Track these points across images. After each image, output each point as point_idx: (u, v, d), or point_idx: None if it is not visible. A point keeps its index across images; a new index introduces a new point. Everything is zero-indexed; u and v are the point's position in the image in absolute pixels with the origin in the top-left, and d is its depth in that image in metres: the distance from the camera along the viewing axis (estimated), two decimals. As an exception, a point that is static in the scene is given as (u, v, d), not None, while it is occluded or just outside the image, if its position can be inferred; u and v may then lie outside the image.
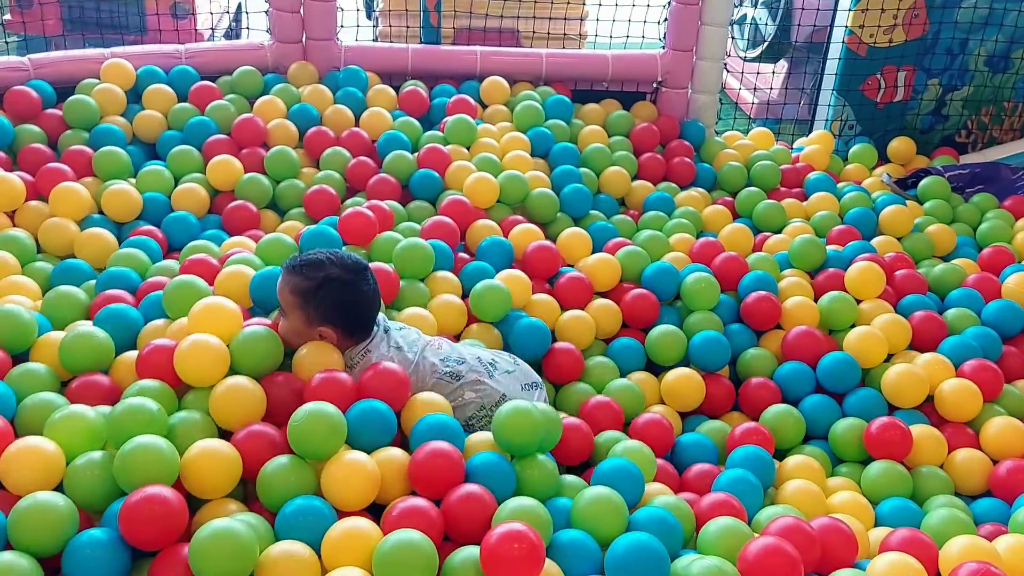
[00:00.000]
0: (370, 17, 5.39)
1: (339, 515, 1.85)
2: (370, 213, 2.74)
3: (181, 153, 3.16)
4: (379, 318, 2.28)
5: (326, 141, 3.31)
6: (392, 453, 1.98)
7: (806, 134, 4.20)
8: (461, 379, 2.24)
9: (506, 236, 2.96)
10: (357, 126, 3.40)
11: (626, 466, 2.07)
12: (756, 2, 5.19)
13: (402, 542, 1.72)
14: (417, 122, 3.45)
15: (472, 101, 3.54)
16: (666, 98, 3.82)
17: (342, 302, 2.16)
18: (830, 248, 3.09)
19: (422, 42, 3.81)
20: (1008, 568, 1.83)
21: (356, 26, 4.11)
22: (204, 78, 3.50)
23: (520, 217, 3.08)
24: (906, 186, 3.74)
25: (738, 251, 3.03)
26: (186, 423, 1.98)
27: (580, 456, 2.25)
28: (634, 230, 3.23)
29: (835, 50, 4.06)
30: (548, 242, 2.90)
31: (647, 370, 2.68)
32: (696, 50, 3.75)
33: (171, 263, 2.67)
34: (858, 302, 2.83)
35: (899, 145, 4.04)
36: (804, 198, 3.57)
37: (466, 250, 2.95)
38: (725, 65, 3.76)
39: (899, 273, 2.98)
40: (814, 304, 2.81)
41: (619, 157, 3.49)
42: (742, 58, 5.27)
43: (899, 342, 2.69)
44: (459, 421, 2.13)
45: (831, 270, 2.95)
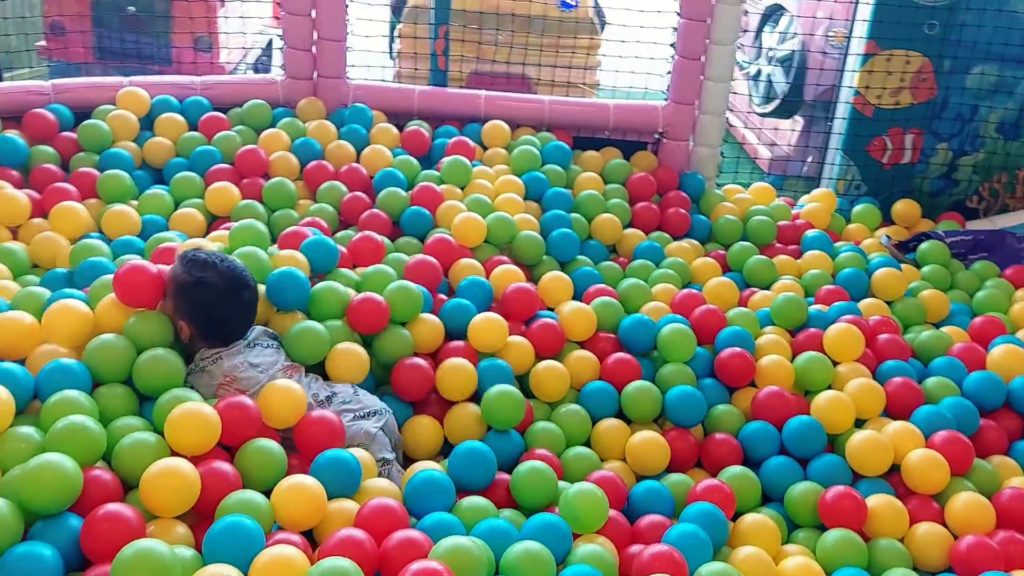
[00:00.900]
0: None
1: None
2: (308, 231, 2.86)
3: (184, 179, 3.27)
4: (251, 332, 2.40)
5: (325, 175, 3.40)
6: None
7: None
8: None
9: (488, 276, 3.00)
10: (358, 162, 3.49)
11: (554, 522, 2.09)
12: (771, 59, 5.22)
13: (334, 570, 1.75)
14: (416, 160, 3.53)
15: (471, 143, 3.61)
16: (667, 149, 3.86)
17: (207, 307, 2.31)
18: (815, 308, 3.09)
19: (430, 84, 3.90)
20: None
21: (381, 66, 4.23)
22: (218, 109, 3.63)
23: (504, 258, 3.13)
24: (907, 249, 3.73)
25: (721, 305, 3.03)
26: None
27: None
28: (620, 277, 3.25)
29: (842, 110, 4.08)
30: (528, 284, 2.94)
31: (620, 416, 2.68)
32: (699, 104, 3.79)
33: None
34: (835, 364, 2.82)
35: (903, 208, 4.03)
36: (800, 255, 3.58)
37: (448, 288, 3.00)
38: (744, 120, 3.81)
39: (881, 337, 2.96)
40: (789, 364, 2.80)
41: (612, 204, 3.53)
42: (758, 113, 5.30)
43: (870, 408, 2.66)
44: None
45: (811, 330, 2.94)
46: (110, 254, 2.76)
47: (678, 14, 3.70)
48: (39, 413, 2.06)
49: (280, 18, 3.76)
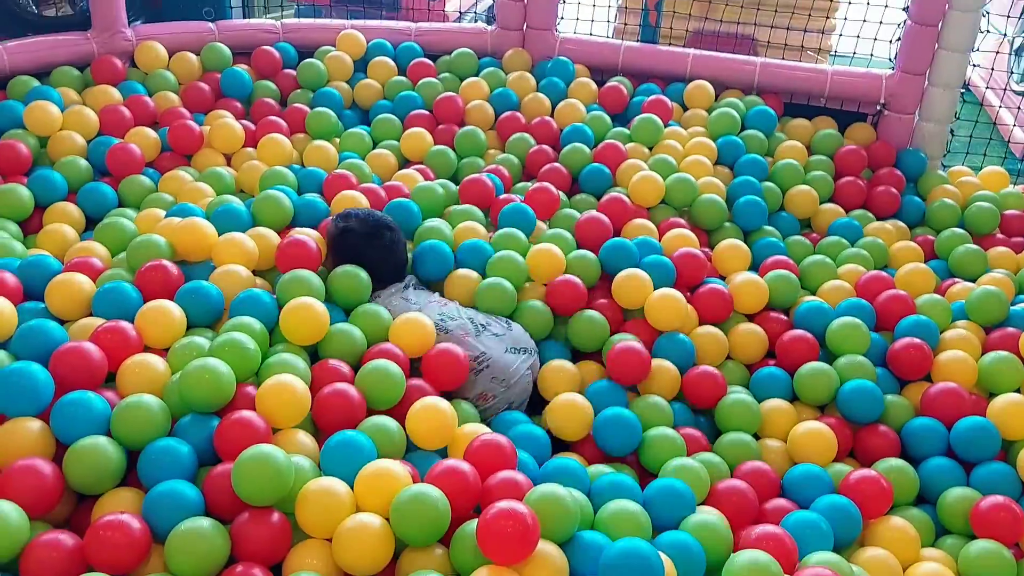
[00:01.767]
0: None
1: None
2: (488, 181, 2.99)
3: (384, 121, 3.43)
4: (408, 279, 2.60)
5: (516, 126, 3.44)
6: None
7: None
8: (448, 334, 2.44)
9: (660, 238, 2.93)
10: (551, 115, 3.50)
11: (675, 485, 2.06)
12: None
13: (418, 496, 1.81)
14: (608, 117, 3.49)
15: (669, 103, 3.52)
16: (888, 122, 3.57)
17: (353, 252, 2.52)
18: (1021, 308, 2.77)
19: (640, 40, 3.82)
20: None
21: (607, 21, 4.20)
22: (430, 56, 3.76)
23: (681, 220, 3.04)
24: None
25: (912, 292, 2.79)
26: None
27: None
28: (808, 253, 3.07)
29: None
30: (697, 250, 2.84)
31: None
32: (929, 75, 3.47)
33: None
34: (1031, 369, 2.53)
35: None
36: (1022, 250, 3.21)
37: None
38: (1001, 98, 3.41)
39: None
40: (974, 362, 2.54)
41: (813, 177, 3.33)
42: (1015, 91, 4.77)
43: (1058, 418, 2.37)
44: None
45: (1009, 329, 2.65)
46: (295, 182, 2.96)
47: (915, -27, 3.39)
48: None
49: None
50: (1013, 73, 4.86)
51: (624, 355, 2.47)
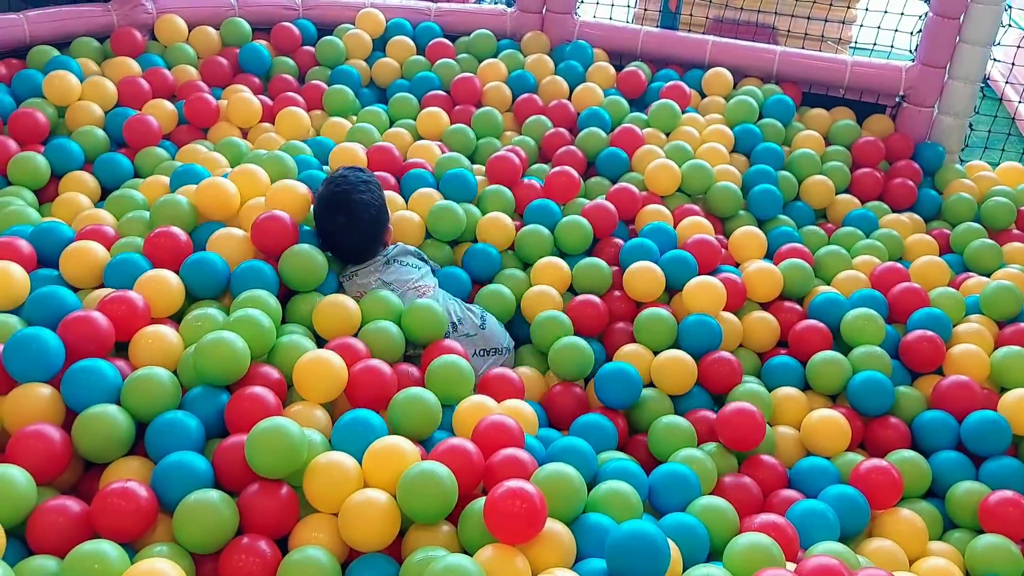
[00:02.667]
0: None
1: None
2: (514, 158, 3.02)
3: (401, 99, 3.42)
4: (391, 249, 2.51)
5: (533, 108, 3.43)
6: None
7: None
8: None
9: (675, 225, 2.93)
10: (569, 99, 3.49)
11: (680, 470, 2.08)
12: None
13: (426, 472, 1.81)
14: (626, 102, 3.47)
15: (688, 89, 3.49)
16: (907, 115, 3.54)
17: (317, 221, 2.47)
18: (1035, 302, 2.76)
19: (659, 26, 3.80)
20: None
21: (626, 6, 4.18)
22: (449, 36, 3.75)
23: (695, 207, 3.03)
24: None
25: (926, 285, 2.78)
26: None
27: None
28: (822, 243, 3.06)
29: None
30: (711, 237, 2.83)
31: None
32: (949, 68, 3.44)
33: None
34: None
35: None
36: (1042, 246, 3.18)
37: (628, 235, 2.96)
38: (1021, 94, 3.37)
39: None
40: (986, 356, 2.53)
41: (829, 167, 3.31)
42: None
43: (1069, 414, 2.35)
44: None
45: (1022, 324, 2.63)
46: (308, 150, 2.98)
47: (938, -35, 3.36)
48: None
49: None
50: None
51: (738, 418, 2.27)
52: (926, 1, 3.45)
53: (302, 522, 1.86)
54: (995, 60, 3.57)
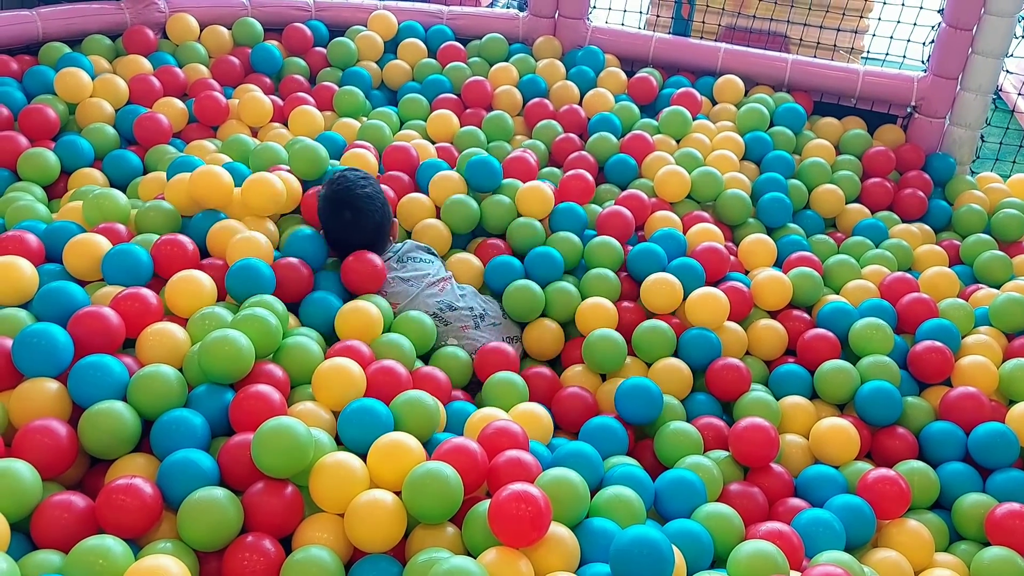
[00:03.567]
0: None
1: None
2: (531, 159, 3.02)
3: (412, 101, 3.43)
4: (401, 246, 2.52)
5: (544, 113, 3.43)
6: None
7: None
8: (448, 324, 2.42)
9: (685, 232, 2.92)
10: (580, 104, 3.49)
11: (686, 476, 2.07)
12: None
13: (432, 472, 1.81)
14: (637, 108, 3.47)
15: (699, 96, 3.49)
16: (918, 125, 3.53)
17: (323, 220, 2.48)
18: (1046, 315, 2.74)
19: (672, 33, 3.80)
20: None
21: (639, 12, 4.18)
22: (460, 40, 3.75)
23: (705, 215, 3.02)
24: None
25: (935, 296, 2.77)
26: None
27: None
28: (832, 253, 3.05)
29: None
30: (719, 245, 2.82)
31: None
32: (962, 79, 3.43)
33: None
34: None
35: None
36: (1051, 259, 3.16)
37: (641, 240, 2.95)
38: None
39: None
40: (994, 368, 2.52)
41: (840, 176, 3.30)
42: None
43: (1078, 430, 2.34)
44: None
45: (1032, 337, 2.63)
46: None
47: (952, -23, 3.35)
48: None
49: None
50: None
51: (751, 433, 2.25)
52: (939, 12, 3.45)
53: (306, 521, 1.86)
54: (1007, 72, 3.56)
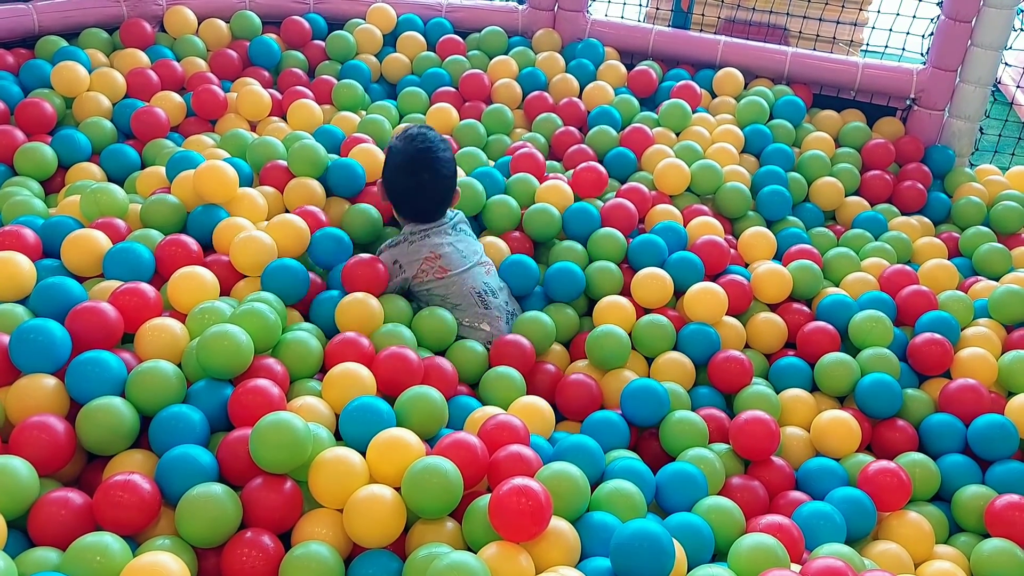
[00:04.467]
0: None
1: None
2: (538, 155, 3.03)
3: (410, 94, 3.42)
4: (454, 215, 2.50)
5: (544, 106, 3.43)
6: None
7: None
8: (488, 308, 2.42)
9: (685, 224, 2.91)
10: (579, 97, 3.48)
11: (688, 469, 2.07)
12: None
13: (431, 467, 1.81)
14: (636, 101, 3.46)
15: (698, 89, 3.49)
16: (917, 117, 3.53)
17: (390, 178, 2.43)
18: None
19: (671, 26, 3.79)
20: None
21: (638, 4, 4.16)
22: (460, 32, 3.74)
23: (704, 208, 3.02)
24: None
25: (935, 288, 2.77)
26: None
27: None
28: (831, 245, 3.05)
29: None
30: (719, 238, 2.82)
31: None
32: (961, 72, 3.43)
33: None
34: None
35: None
36: (1050, 251, 3.16)
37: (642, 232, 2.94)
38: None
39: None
40: (994, 360, 2.51)
41: (839, 169, 3.30)
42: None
43: (1078, 419, 2.33)
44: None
45: (1031, 328, 2.63)
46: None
47: (951, -31, 3.34)
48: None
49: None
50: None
51: (752, 426, 2.25)
52: (938, 4, 3.44)
53: (305, 517, 1.85)
54: (1007, 64, 3.55)
